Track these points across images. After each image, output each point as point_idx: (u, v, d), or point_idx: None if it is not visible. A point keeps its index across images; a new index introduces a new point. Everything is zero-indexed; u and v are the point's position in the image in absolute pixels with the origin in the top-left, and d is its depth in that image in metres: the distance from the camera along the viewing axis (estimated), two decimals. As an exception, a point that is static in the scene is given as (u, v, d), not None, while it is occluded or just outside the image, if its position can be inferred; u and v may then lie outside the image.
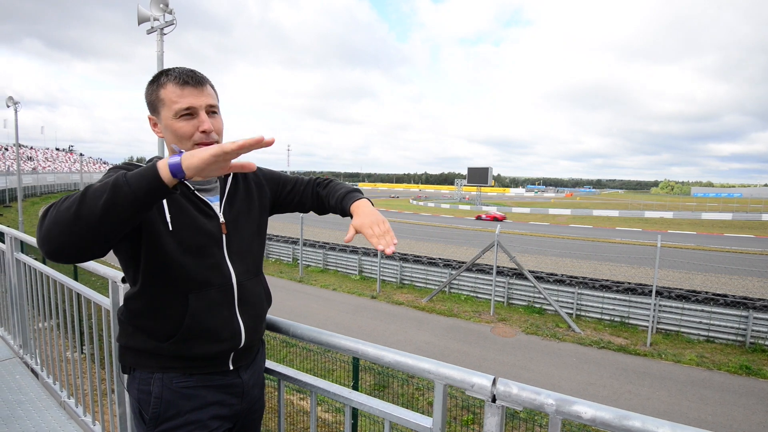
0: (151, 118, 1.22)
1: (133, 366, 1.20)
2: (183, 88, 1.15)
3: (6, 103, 20.87)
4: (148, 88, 1.19)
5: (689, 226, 35.01)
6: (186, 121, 1.15)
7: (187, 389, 1.17)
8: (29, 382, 2.83)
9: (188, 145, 1.16)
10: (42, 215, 0.92)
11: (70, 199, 0.90)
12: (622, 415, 0.84)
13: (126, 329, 1.21)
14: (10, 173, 41.47)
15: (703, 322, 10.01)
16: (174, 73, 1.16)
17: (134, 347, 1.19)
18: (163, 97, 1.15)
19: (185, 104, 1.14)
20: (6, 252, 3.04)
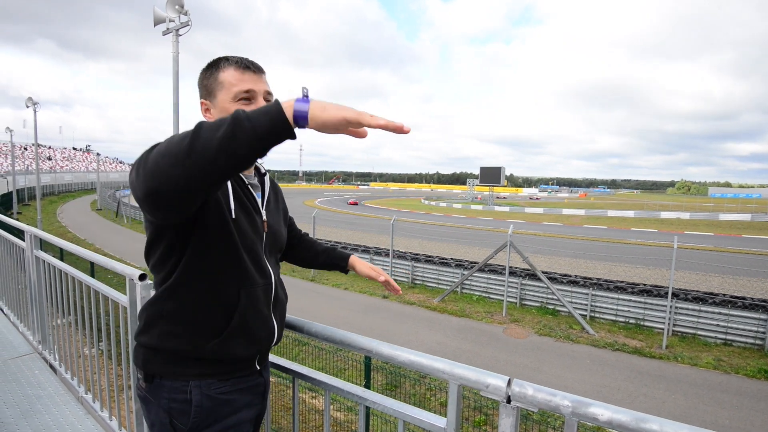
0: (204, 102, 1.20)
1: (162, 374, 1.12)
2: (244, 72, 1.15)
3: (25, 103, 21.34)
4: (204, 72, 1.20)
5: (706, 227, 34.35)
6: (244, 105, 1.14)
7: (224, 395, 1.14)
8: (48, 377, 2.89)
9: None
10: (145, 153, 0.86)
11: (180, 134, 0.83)
12: (640, 418, 0.82)
13: (155, 331, 1.12)
14: (29, 172, 42.39)
15: (720, 325, 9.81)
16: (234, 58, 1.17)
17: (166, 351, 1.11)
18: (222, 80, 1.15)
19: (245, 87, 1.14)
20: (26, 249, 3.11)
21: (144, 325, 1.14)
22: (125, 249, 18.87)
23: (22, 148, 59.31)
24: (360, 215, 39.85)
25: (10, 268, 3.65)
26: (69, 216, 31.46)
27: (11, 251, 3.56)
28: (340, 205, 52.79)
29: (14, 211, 27.51)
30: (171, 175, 0.81)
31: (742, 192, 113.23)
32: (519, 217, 43.24)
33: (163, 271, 1.11)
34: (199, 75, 1.21)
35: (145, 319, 1.15)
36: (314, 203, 54.12)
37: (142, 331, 1.15)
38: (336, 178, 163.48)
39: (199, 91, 1.21)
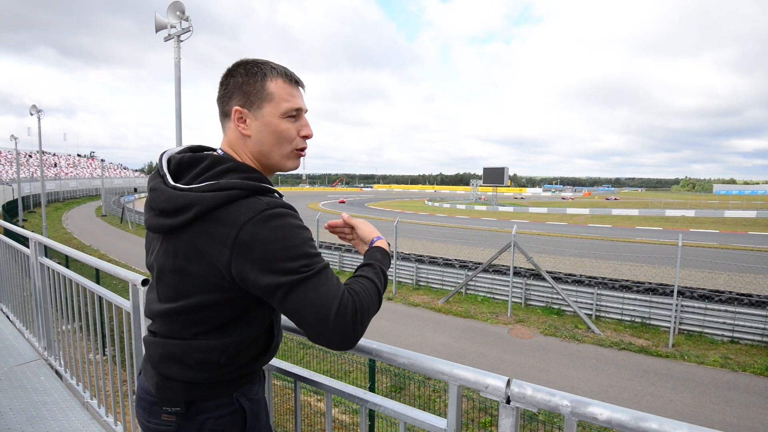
0: (240, 110, 1.08)
1: (203, 398, 1.10)
2: (294, 86, 1.10)
3: (30, 111, 21.52)
4: (246, 77, 1.08)
5: (712, 224, 34.15)
6: (291, 123, 1.10)
7: (257, 395, 1.20)
8: (53, 383, 2.91)
9: (288, 149, 1.12)
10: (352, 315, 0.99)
11: (370, 297, 1.07)
12: (639, 417, 0.82)
13: (203, 374, 1.08)
14: (34, 179, 42.70)
15: (727, 323, 9.75)
16: (281, 68, 1.09)
17: (215, 380, 1.09)
18: (272, 90, 1.07)
19: (296, 104, 1.09)
20: (30, 256, 3.13)
21: (187, 369, 1.08)
22: (130, 254, 18.97)
23: (27, 156, 59.79)
24: (364, 217, 39.76)
25: (16, 275, 3.68)
26: (74, 222, 31.66)
27: (16, 258, 3.60)
28: (344, 208, 52.83)
29: (20, 218, 27.71)
30: (367, 324, 1.05)
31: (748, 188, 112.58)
32: (523, 217, 43.16)
33: (224, 328, 1.07)
34: (233, 76, 1.09)
35: (192, 365, 1.07)
36: (318, 206, 54.22)
37: (182, 371, 1.08)
38: (339, 181, 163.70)
39: (234, 95, 1.09)
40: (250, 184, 1.02)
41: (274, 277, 0.96)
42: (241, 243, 0.96)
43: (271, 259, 0.95)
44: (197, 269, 1.02)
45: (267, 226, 0.96)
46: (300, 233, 1.00)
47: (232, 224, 0.97)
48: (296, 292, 0.97)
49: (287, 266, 0.96)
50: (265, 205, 0.99)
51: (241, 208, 0.98)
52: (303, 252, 0.98)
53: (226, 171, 1.04)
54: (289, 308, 0.98)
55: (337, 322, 0.96)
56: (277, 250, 0.96)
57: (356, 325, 0.99)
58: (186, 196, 1.01)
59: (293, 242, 0.98)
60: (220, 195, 0.99)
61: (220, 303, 1.04)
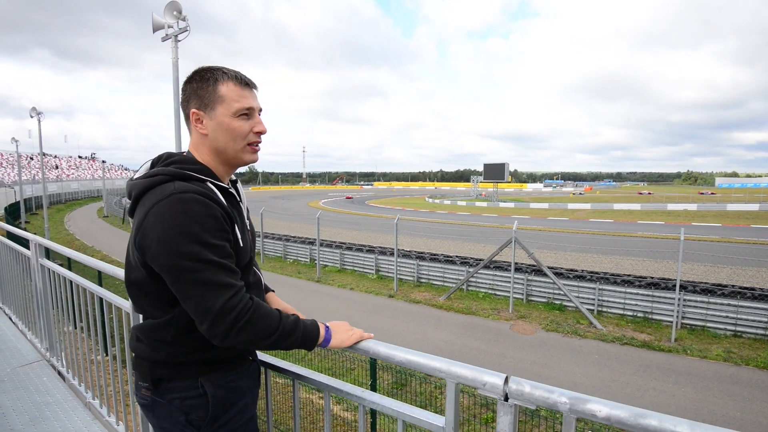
0: (197, 112, 1.17)
1: (170, 377, 1.18)
2: (244, 88, 1.18)
3: (30, 113, 21.53)
4: (198, 81, 1.17)
5: (714, 218, 34.05)
6: (243, 120, 1.18)
7: (232, 382, 1.23)
8: (56, 383, 2.92)
9: (241, 144, 1.20)
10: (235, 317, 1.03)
11: (270, 320, 1.09)
12: (638, 414, 0.82)
13: (161, 352, 1.17)
14: (36, 182, 42.78)
15: (729, 317, 9.73)
16: (231, 72, 1.18)
17: (174, 361, 1.17)
18: (222, 93, 1.15)
19: (246, 104, 1.17)
20: (31, 258, 3.14)
21: (146, 347, 1.19)
22: (132, 255, 18.96)
23: (28, 158, 59.87)
24: (364, 215, 39.88)
25: (18, 277, 3.69)
26: (76, 224, 31.72)
27: (18, 260, 3.60)
28: (345, 206, 52.86)
29: (22, 220, 27.78)
30: (248, 343, 1.08)
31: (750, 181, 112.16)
32: (524, 212, 43.09)
33: (165, 305, 1.14)
34: (190, 83, 1.18)
35: (147, 343, 1.19)
36: (319, 204, 54.24)
37: (145, 350, 1.19)
38: (340, 179, 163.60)
39: (191, 99, 1.18)
40: (172, 170, 1.11)
41: (166, 258, 1.02)
42: (146, 224, 1.05)
43: (165, 241, 1.02)
44: (130, 248, 1.14)
45: (171, 209, 1.03)
46: (202, 220, 1.04)
47: (146, 206, 1.07)
48: (184, 276, 1.02)
49: (181, 250, 1.01)
50: (173, 189, 1.06)
51: (157, 191, 1.08)
52: (199, 239, 1.03)
53: (170, 162, 1.15)
54: (178, 292, 1.05)
55: (218, 318, 1.02)
56: (175, 233, 1.01)
57: (235, 328, 1.03)
58: (131, 184, 1.15)
59: (191, 228, 1.02)
60: (146, 181, 1.11)
61: (147, 281, 1.11)
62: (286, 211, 44.30)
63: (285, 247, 19.35)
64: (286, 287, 14.23)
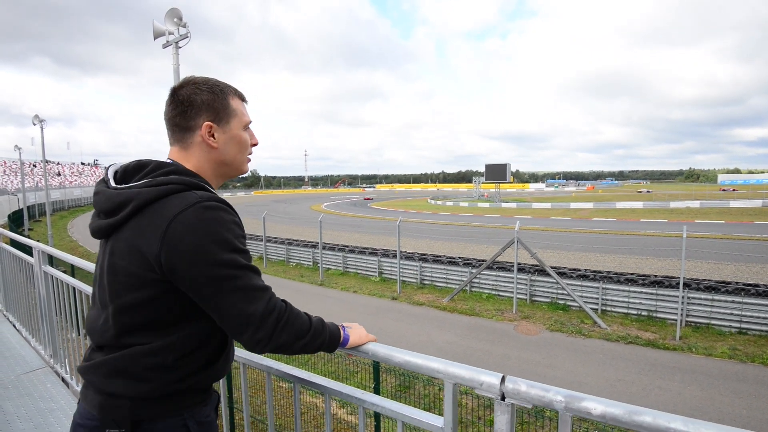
0: (211, 125, 1.15)
1: (153, 417, 1.06)
2: (245, 104, 1.25)
3: (32, 121, 21.67)
4: (213, 95, 1.15)
5: (717, 215, 33.92)
6: (248, 134, 1.24)
7: (208, 417, 1.16)
8: (60, 390, 2.93)
9: (245, 156, 1.25)
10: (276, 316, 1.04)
11: (303, 320, 1.10)
12: (633, 411, 0.82)
13: (149, 384, 1.05)
14: (39, 189, 42.99)
15: (734, 314, 9.69)
16: (233, 87, 1.22)
17: (164, 392, 1.06)
18: (234, 108, 1.19)
19: (250, 119, 1.25)
20: (35, 265, 3.16)
21: (129, 381, 1.05)
22: (135, 261, 19.02)
23: (32, 165, 60.20)
24: (367, 217, 39.90)
25: (22, 285, 3.71)
26: (79, 230, 31.83)
27: (21, 267, 3.62)
28: (347, 209, 52.90)
29: (26, 227, 27.91)
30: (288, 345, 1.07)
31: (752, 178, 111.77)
32: (527, 212, 43.03)
33: (164, 327, 1.06)
34: (201, 94, 1.14)
35: (133, 374, 1.05)
36: (321, 207, 54.30)
37: (126, 385, 1.05)
38: (342, 182, 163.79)
39: (203, 112, 1.14)
40: (186, 179, 1.06)
41: (204, 269, 0.98)
42: (171, 234, 0.97)
43: (201, 251, 0.97)
44: (130, 265, 1.02)
45: (198, 217, 0.99)
46: (231, 228, 1.03)
47: (165, 216, 0.99)
48: (226, 285, 0.99)
49: (219, 258, 0.98)
50: (198, 197, 1.02)
51: (175, 200, 1.01)
52: (233, 246, 1.01)
53: (168, 173, 1.08)
54: (214, 303, 1.01)
55: (262, 321, 1.01)
56: (208, 242, 0.98)
57: (277, 329, 1.03)
58: (124, 193, 1.05)
59: (224, 236, 1.00)
60: (156, 189, 1.02)
61: (153, 299, 1.03)
62: (289, 214, 44.37)
63: (288, 251, 19.38)
64: (289, 291, 14.24)
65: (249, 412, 1.62)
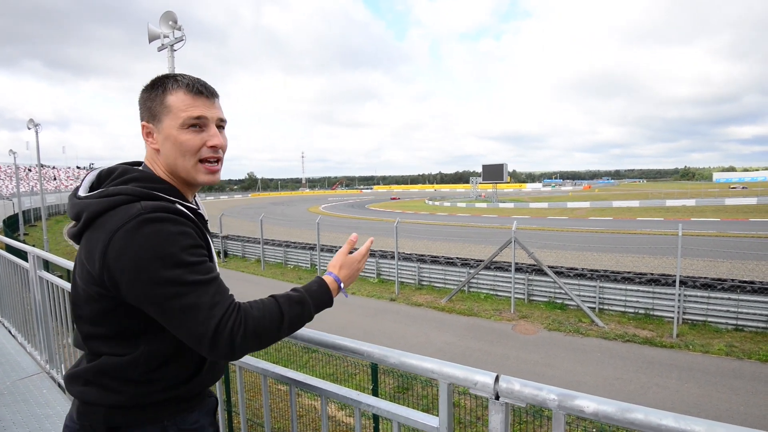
0: (146, 125, 1.07)
1: (131, 423, 1.03)
2: (195, 97, 1.05)
3: (27, 125, 21.60)
4: (148, 92, 1.07)
5: (713, 212, 34.11)
6: (194, 133, 1.05)
7: (196, 423, 1.12)
8: (56, 396, 2.92)
9: (192, 161, 1.06)
10: (229, 332, 0.94)
11: (265, 319, 1.00)
12: (625, 408, 0.83)
13: (122, 395, 1.01)
14: (34, 193, 42.79)
15: (730, 311, 9.73)
16: (185, 80, 1.06)
17: (139, 402, 1.03)
18: (169, 104, 1.04)
19: (196, 113, 1.04)
20: (30, 270, 3.15)
21: (100, 390, 1.02)
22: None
23: (26, 170, 59.92)
24: (364, 219, 39.90)
25: (17, 290, 3.70)
26: (76, 235, 31.67)
27: (17, 273, 3.61)
28: (345, 210, 52.89)
29: (21, 232, 27.77)
30: (260, 346, 1.01)
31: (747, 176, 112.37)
32: (524, 212, 43.14)
33: (129, 339, 1.01)
34: (141, 93, 1.09)
35: (103, 385, 1.02)
36: (319, 209, 54.27)
37: (98, 394, 1.02)
38: (339, 184, 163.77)
39: (140, 112, 1.09)
40: (137, 189, 0.99)
41: (145, 287, 0.92)
42: (110, 250, 0.93)
43: (141, 268, 0.91)
44: (82, 278, 1.00)
45: (139, 232, 0.92)
46: (177, 240, 0.94)
47: (107, 230, 0.94)
48: (169, 304, 0.92)
49: (161, 276, 0.91)
50: (140, 209, 0.95)
51: (119, 213, 0.95)
52: (177, 260, 0.93)
53: (129, 180, 1.03)
54: (165, 321, 0.95)
55: (215, 340, 0.92)
56: (148, 259, 0.91)
57: (233, 343, 0.93)
58: (80, 203, 1.01)
59: (167, 250, 0.92)
60: (104, 201, 0.98)
61: (107, 313, 0.99)
62: (286, 216, 44.32)
63: (285, 253, 19.34)
64: (287, 293, 14.22)
65: (246, 415, 1.62)
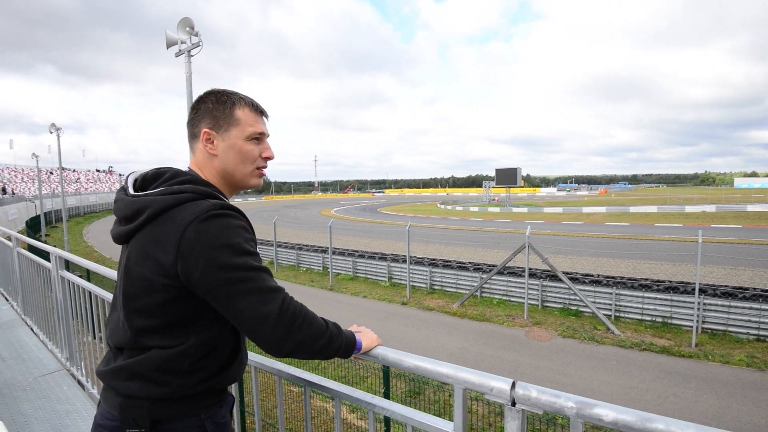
0: (209, 132, 1.20)
1: (171, 418, 1.10)
2: (258, 115, 1.24)
3: (49, 129, 22.20)
4: (216, 104, 1.20)
5: (734, 219, 33.29)
6: (255, 145, 1.22)
7: (224, 419, 1.19)
8: (76, 392, 2.98)
9: (250, 168, 1.23)
10: (291, 316, 1.05)
11: (317, 332, 1.10)
12: (645, 418, 0.82)
13: (166, 388, 1.08)
14: (55, 195, 43.79)
15: (752, 320, 9.48)
16: (248, 99, 1.23)
17: (182, 394, 1.09)
18: (238, 117, 1.19)
19: (259, 129, 1.23)
20: (52, 270, 3.23)
21: (147, 383, 1.08)
22: (149, 265, 19.22)
23: (48, 173, 61.39)
24: (376, 222, 39.92)
25: (39, 289, 3.79)
26: (94, 236, 32.34)
27: (39, 272, 3.70)
28: (357, 214, 52.99)
29: (42, 233, 28.45)
30: (306, 343, 1.08)
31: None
32: (538, 217, 42.70)
33: (181, 330, 1.09)
34: (204, 102, 1.21)
35: (150, 378, 1.08)
36: (331, 212, 54.48)
37: (144, 387, 1.08)
38: (351, 187, 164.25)
39: (204, 119, 1.20)
40: (200, 188, 1.11)
41: (219, 273, 1.01)
42: (185, 241, 1.01)
43: (215, 256, 1.01)
44: (145, 270, 1.06)
45: (211, 224, 1.03)
46: (241, 232, 1.06)
47: (179, 223, 1.03)
48: (240, 287, 1.02)
49: (230, 262, 1.01)
50: (210, 205, 1.05)
51: (188, 208, 1.05)
52: (244, 249, 1.04)
53: (183, 181, 1.13)
54: (230, 305, 1.03)
55: (278, 320, 1.02)
56: (220, 247, 1.01)
57: (294, 328, 1.04)
58: (140, 200, 1.09)
59: (235, 240, 1.03)
60: (171, 197, 1.07)
61: (166, 304, 1.06)
62: (299, 219, 44.59)
63: (298, 256, 19.46)
64: (299, 296, 14.09)
65: (260, 415, 1.63)
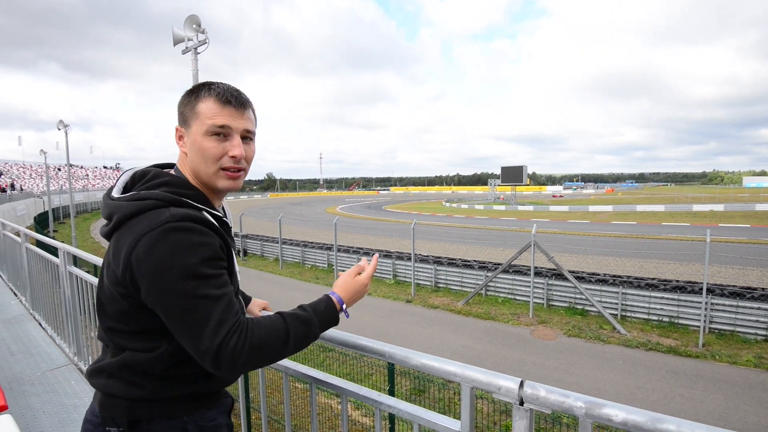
0: (178, 129, 1.13)
1: (151, 417, 1.07)
2: (224, 106, 1.07)
3: (57, 126, 22.38)
4: (185, 97, 1.11)
5: (742, 218, 32.97)
6: (217, 141, 1.07)
7: (213, 421, 1.15)
8: (83, 387, 3.00)
9: (213, 168, 1.08)
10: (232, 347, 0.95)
11: (275, 335, 1.02)
12: (656, 418, 0.81)
13: (145, 389, 1.05)
14: (63, 192, 44.14)
15: (760, 321, 9.39)
16: (218, 88, 1.08)
17: (160, 396, 1.06)
18: (199, 110, 1.07)
19: (220, 122, 1.06)
20: (60, 266, 3.25)
21: (123, 384, 1.06)
22: (155, 262, 19.37)
23: (56, 169, 61.88)
24: (381, 220, 39.92)
25: (48, 284, 3.82)
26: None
27: (47, 268, 3.73)
28: (362, 211, 53.02)
29: (50, 229, 28.69)
30: (263, 364, 1.05)
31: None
32: (543, 215, 42.51)
33: (152, 336, 1.05)
34: (181, 98, 1.14)
35: (126, 379, 1.06)
36: (336, 210, 54.55)
37: (121, 387, 1.06)
38: (356, 185, 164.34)
39: (177, 116, 1.14)
40: (168, 195, 1.02)
41: (160, 294, 0.95)
42: (135, 254, 0.96)
43: (160, 275, 0.94)
44: (107, 278, 1.04)
45: (165, 239, 0.95)
46: (198, 251, 0.96)
47: (135, 234, 0.97)
48: (179, 315, 0.95)
49: (174, 285, 0.94)
50: (169, 216, 0.97)
51: (148, 218, 0.98)
52: (195, 272, 0.95)
53: (160, 184, 1.06)
54: (173, 328, 0.98)
55: (216, 355, 0.94)
56: (168, 267, 0.94)
57: (235, 362, 0.95)
58: (112, 205, 1.05)
59: (187, 261, 0.95)
60: (135, 204, 1.01)
61: (130, 312, 1.03)
62: (304, 217, 44.68)
63: (303, 253, 19.51)
64: (304, 293, 14.33)
65: (266, 412, 1.64)
